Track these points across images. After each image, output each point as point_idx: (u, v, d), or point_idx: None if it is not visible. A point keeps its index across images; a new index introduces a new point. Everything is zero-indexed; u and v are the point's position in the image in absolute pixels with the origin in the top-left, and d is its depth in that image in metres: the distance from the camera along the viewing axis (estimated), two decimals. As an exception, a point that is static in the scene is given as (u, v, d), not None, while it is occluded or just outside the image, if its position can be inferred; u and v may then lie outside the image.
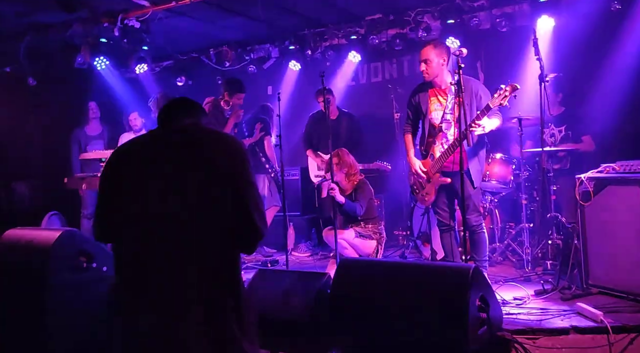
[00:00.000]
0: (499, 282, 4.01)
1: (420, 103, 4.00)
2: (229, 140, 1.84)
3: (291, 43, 6.68)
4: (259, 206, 1.79)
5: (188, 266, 1.69)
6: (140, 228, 1.73)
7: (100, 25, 5.57)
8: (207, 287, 1.70)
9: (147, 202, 1.72)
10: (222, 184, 1.72)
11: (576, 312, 3.18)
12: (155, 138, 1.86)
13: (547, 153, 4.49)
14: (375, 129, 6.26)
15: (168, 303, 1.69)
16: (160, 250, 1.70)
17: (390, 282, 2.65)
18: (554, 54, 5.39)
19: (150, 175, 1.74)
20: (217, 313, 1.70)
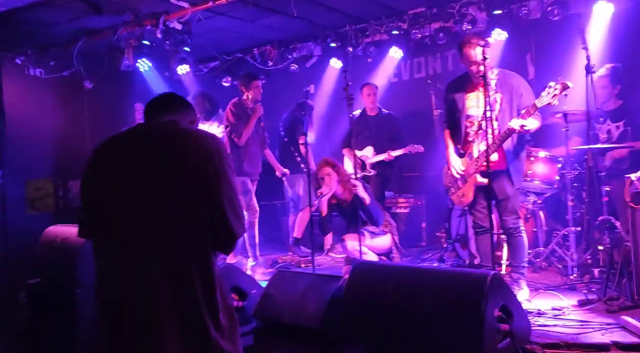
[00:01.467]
0: (539, 289, 3.73)
1: (457, 99, 3.78)
2: (204, 138, 1.79)
3: (332, 40, 6.58)
4: (234, 206, 1.74)
5: (160, 265, 1.66)
6: (114, 227, 1.72)
7: (143, 27, 5.71)
8: (179, 286, 1.67)
9: (120, 200, 1.71)
10: (195, 183, 1.69)
11: (621, 326, 2.90)
12: (132, 135, 1.85)
13: (600, 151, 4.15)
14: (418, 126, 6.05)
15: (140, 303, 1.66)
16: (133, 248, 1.69)
17: (403, 288, 2.52)
18: (612, 43, 5.00)
19: (124, 173, 1.73)
20: (191, 313, 1.67)
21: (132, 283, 1.67)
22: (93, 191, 1.78)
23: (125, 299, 1.68)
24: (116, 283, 1.70)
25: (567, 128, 4.25)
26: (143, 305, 1.66)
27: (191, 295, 1.67)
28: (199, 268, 1.70)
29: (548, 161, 4.42)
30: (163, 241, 1.67)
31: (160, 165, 1.71)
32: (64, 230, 3.83)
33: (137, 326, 1.66)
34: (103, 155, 1.81)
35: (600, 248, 3.88)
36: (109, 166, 1.77)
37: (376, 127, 5.61)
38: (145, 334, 1.64)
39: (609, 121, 4.55)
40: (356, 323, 2.63)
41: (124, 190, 1.71)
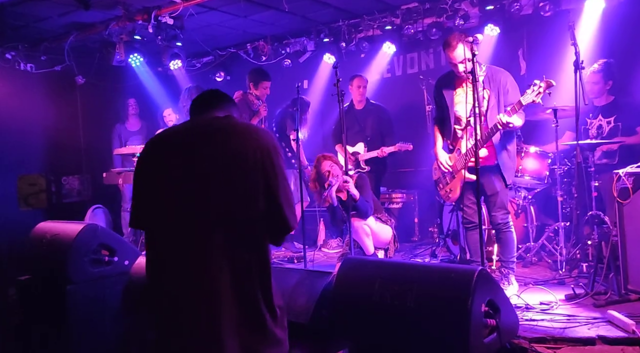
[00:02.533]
0: (529, 284, 3.76)
1: (445, 95, 3.79)
2: (260, 132, 1.83)
3: (326, 35, 6.57)
4: (289, 199, 1.80)
5: (221, 256, 1.70)
6: (170, 218, 1.75)
7: (134, 22, 5.69)
8: (237, 276, 1.71)
9: (177, 193, 1.74)
10: (253, 176, 1.73)
11: (607, 321, 2.92)
12: (187, 129, 1.88)
13: (591, 146, 4.16)
14: (411, 122, 6.05)
15: (198, 294, 1.69)
16: (189, 239, 1.72)
17: (391, 284, 2.52)
18: (604, 39, 5.01)
19: (182, 166, 1.76)
20: (248, 301, 1.72)
21: (192, 274, 1.70)
22: (148, 182, 1.81)
23: (184, 290, 1.71)
24: (173, 274, 1.73)
25: (556, 124, 4.27)
26: (204, 296, 1.69)
27: (250, 285, 1.72)
28: (258, 260, 1.74)
29: (538, 157, 4.44)
30: (223, 232, 1.70)
31: (220, 158, 1.74)
32: (54, 226, 3.82)
33: (197, 317, 1.69)
34: (160, 146, 1.84)
35: (589, 243, 3.90)
36: (166, 157, 1.79)
37: (365, 121, 5.61)
38: (207, 325, 1.67)
39: (600, 116, 4.57)
40: (344, 319, 2.63)
41: (183, 182, 1.74)
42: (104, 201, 6.75)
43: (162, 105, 6.55)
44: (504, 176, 3.65)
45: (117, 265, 3.68)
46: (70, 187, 7.41)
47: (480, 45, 3.23)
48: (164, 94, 6.95)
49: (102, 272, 3.62)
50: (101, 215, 6.64)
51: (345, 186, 4.10)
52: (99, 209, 6.63)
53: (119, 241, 3.81)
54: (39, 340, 3.63)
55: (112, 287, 3.60)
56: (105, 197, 6.86)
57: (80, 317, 3.49)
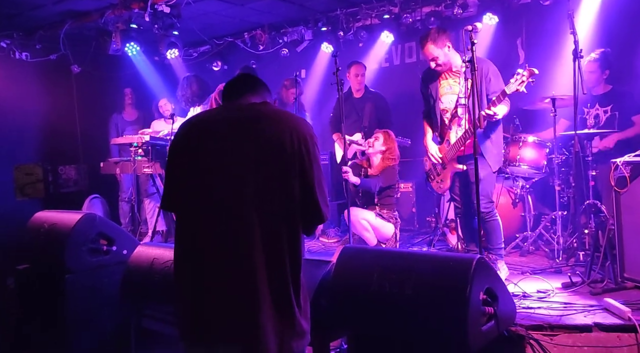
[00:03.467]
0: (526, 273, 3.78)
1: (430, 88, 3.84)
2: (299, 120, 1.83)
3: (323, 24, 6.53)
4: (323, 189, 1.79)
5: (252, 243, 1.70)
6: (203, 203, 1.75)
7: (131, 11, 5.63)
8: (270, 263, 1.71)
9: (213, 178, 1.74)
10: (289, 164, 1.72)
11: (603, 308, 2.94)
12: (224, 114, 1.87)
13: (587, 136, 4.17)
14: (409, 111, 6.02)
15: (234, 280, 1.70)
16: (222, 226, 1.72)
17: (391, 272, 2.52)
18: (602, 28, 4.99)
19: (217, 151, 1.75)
20: (280, 290, 1.73)
21: (227, 259, 1.70)
22: (183, 166, 1.79)
23: (220, 275, 1.71)
24: (207, 259, 1.73)
25: (555, 113, 4.27)
26: (242, 281, 1.69)
27: (283, 273, 1.72)
28: (291, 249, 1.74)
29: (536, 146, 4.44)
30: (258, 219, 1.70)
31: (257, 145, 1.73)
32: (52, 215, 3.81)
33: (236, 301, 1.70)
34: (194, 131, 1.82)
35: (586, 232, 3.92)
36: (202, 142, 1.78)
37: (362, 110, 5.59)
38: (246, 309, 1.68)
39: (597, 105, 4.57)
40: (343, 308, 2.64)
41: (219, 167, 1.73)
42: (100, 191, 6.74)
43: (158, 94, 6.52)
44: (489, 163, 3.64)
45: (116, 254, 3.68)
46: (66, 177, 7.39)
47: (479, 34, 3.20)
48: (161, 84, 6.91)
49: (101, 261, 3.63)
50: (98, 205, 6.63)
51: (345, 176, 4.13)
52: (96, 199, 6.62)
53: (117, 230, 3.81)
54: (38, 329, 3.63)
55: (111, 277, 3.60)
56: (102, 186, 6.85)
57: (78, 306, 3.50)
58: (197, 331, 1.76)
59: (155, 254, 3.24)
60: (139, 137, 5.14)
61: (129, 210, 6.28)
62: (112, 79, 7.06)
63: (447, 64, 3.67)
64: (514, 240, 4.62)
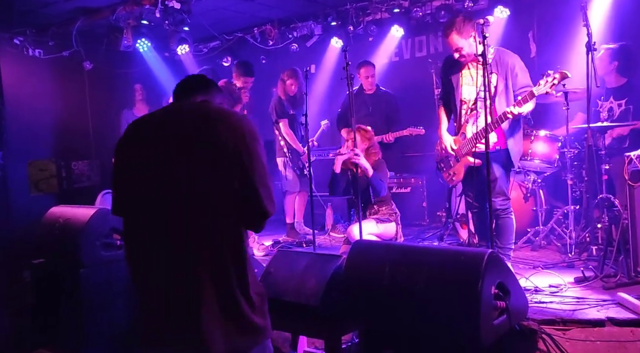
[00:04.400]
0: (538, 267, 3.77)
1: (451, 77, 3.75)
2: (237, 116, 1.83)
3: (333, 19, 6.52)
4: (266, 184, 1.78)
5: (194, 242, 1.70)
6: (146, 205, 1.75)
7: (142, 7, 5.67)
8: (212, 263, 1.72)
9: (153, 179, 1.74)
10: (228, 161, 1.72)
11: (616, 303, 2.93)
12: (163, 114, 1.88)
13: (600, 129, 4.13)
14: (419, 106, 6.02)
15: (176, 281, 1.71)
16: (162, 227, 1.73)
17: (402, 266, 2.53)
18: (616, 20, 4.94)
19: (157, 152, 1.76)
20: (225, 288, 1.72)
21: (170, 260, 1.71)
22: (125, 168, 1.81)
23: (162, 276, 1.72)
24: (151, 261, 1.74)
25: (567, 107, 4.23)
26: (183, 282, 1.70)
27: (227, 271, 1.72)
28: (233, 246, 1.74)
29: (548, 140, 4.40)
30: (199, 217, 1.70)
31: (195, 143, 1.73)
32: (66, 210, 3.86)
33: (177, 303, 1.70)
34: (137, 132, 1.83)
35: (599, 226, 3.89)
36: (142, 144, 1.79)
37: (373, 105, 5.59)
38: (187, 311, 1.69)
39: (611, 99, 4.52)
40: (354, 302, 2.65)
41: (158, 167, 1.74)
42: (112, 186, 6.79)
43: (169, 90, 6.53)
44: (512, 160, 3.61)
45: (129, 249, 3.72)
46: (79, 172, 7.46)
47: (490, 27, 3.17)
48: (172, 79, 6.94)
49: (114, 255, 3.67)
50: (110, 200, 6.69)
51: (355, 159, 3.97)
52: (108, 194, 6.68)
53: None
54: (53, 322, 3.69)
55: (124, 271, 3.59)
56: (114, 182, 6.90)
57: (93, 299, 3.54)
58: (146, 335, 1.78)
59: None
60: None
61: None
62: (123, 75, 7.10)
63: (471, 55, 3.53)
64: (526, 235, 4.59)
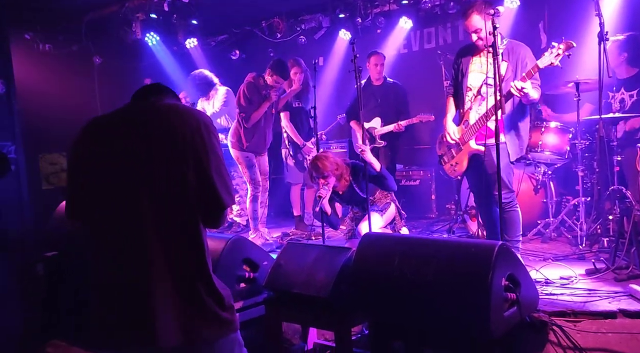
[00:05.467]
0: (548, 259, 3.75)
1: (462, 62, 3.72)
2: (189, 110, 1.82)
3: (341, 11, 6.49)
4: (223, 176, 1.76)
5: (151, 237, 1.69)
6: (100, 204, 1.74)
7: (150, 1, 5.68)
8: (168, 258, 1.70)
9: (107, 178, 1.73)
10: (182, 154, 1.71)
11: (628, 295, 2.91)
12: (116, 113, 1.87)
13: (612, 120, 4.09)
14: (428, 98, 5.98)
15: (136, 280, 1.69)
16: (125, 225, 1.71)
17: (412, 259, 2.53)
18: (627, 10, 4.87)
19: (111, 150, 1.75)
20: (184, 283, 1.71)
21: (127, 256, 1.69)
22: (79, 169, 1.79)
23: (120, 272, 1.70)
24: (109, 258, 1.72)
25: (578, 97, 4.19)
26: (138, 277, 1.68)
27: (185, 266, 1.71)
28: (191, 238, 1.72)
29: (559, 131, 4.37)
30: (155, 214, 1.69)
31: (148, 140, 1.72)
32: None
33: (131, 296, 1.68)
34: (90, 133, 1.81)
35: (610, 218, 3.86)
36: (96, 142, 1.77)
37: (382, 97, 5.57)
38: (140, 304, 1.67)
39: (623, 90, 4.48)
40: (364, 294, 2.66)
41: (114, 167, 1.72)
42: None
43: (178, 83, 6.56)
44: (508, 152, 3.53)
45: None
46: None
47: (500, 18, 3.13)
48: (180, 73, 6.96)
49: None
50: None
51: (362, 155, 3.94)
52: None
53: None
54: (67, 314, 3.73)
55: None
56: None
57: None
58: (102, 336, 1.75)
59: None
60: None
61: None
62: (132, 69, 7.13)
63: (489, 39, 3.35)
64: (536, 227, 4.57)
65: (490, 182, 3.57)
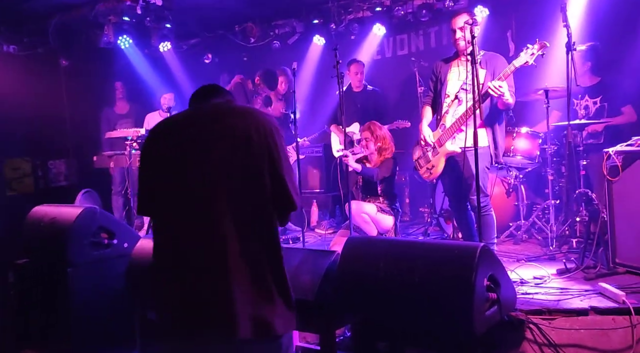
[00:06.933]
0: (521, 260, 3.88)
1: (441, 72, 3.85)
2: (261, 114, 1.88)
3: (315, 17, 6.55)
4: (292, 178, 1.84)
5: (228, 236, 1.74)
6: (179, 202, 1.79)
7: (123, 3, 5.60)
8: (245, 255, 1.76)
9: (184, 177, 1.78)
10: (258, 156, 1.77)
11: (598, 293, 3.04)
12: (190, 115, 1.92)
13: (579, 126, 4.27)
14: (401, 104, 6.11)
15: (216, 275, 1.74)
16: (200, 221, 1.76)
17: (396, 261, 2.59)
18: (590, 21, 5.10)
19: (186, 150, 1.80)
20: (259, 280, 1.77)
21: (205, 254, 1.75)
22: (154, 168, 1.84)
23: (197, 270, 1.75)
24: (185, 255, 1.77)
25: (547, 104, 4.37)
26: (217, 274, 1.73)
27: (260, 264, 1.77)
28: (267, 237, 1.79)
29: (529, 137, 4.53)
30: (233, 212, 1.75)
31: (225, 140, 1.77)
32: (51, 210, 3.80)
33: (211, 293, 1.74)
34: (164, 133, 1.87)
35: (578, 220, 4.04)
36: (171, 143, 1.82)
37: (362, 103, 5.65)
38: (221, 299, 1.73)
39: (587, 97, 4.69)
40: (349, 296, 2.70)
41: (190, 165, 1.77)
42: (91, 185, 6.67)
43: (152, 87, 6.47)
44: (492, 155, 3.68)
45: (117, 247, 3.70)
46: (57, 171, 7.32)
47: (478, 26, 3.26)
48: (153, 76, 6.86)
49: (102, 254, 3.64)
50: (91, 199, 6.58)
51: (345, 160, 4.24)
52: (87, 193, 6.56)
53: (118, 224, 3.83)
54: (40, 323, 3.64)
55: (112, 269, 3.62)
56: (92, 181, 6.77)
57: (81, 298, 3.51)
58: (176, 323, 1.80)
59: (159, 247, 3.27)
60: (135, 131, 5.13)
61: (123, 204, 6.27)
62: (102, 72, 6.98)
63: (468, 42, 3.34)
64: (508, 229, 4.72)
65: (466, 186, 3.68)
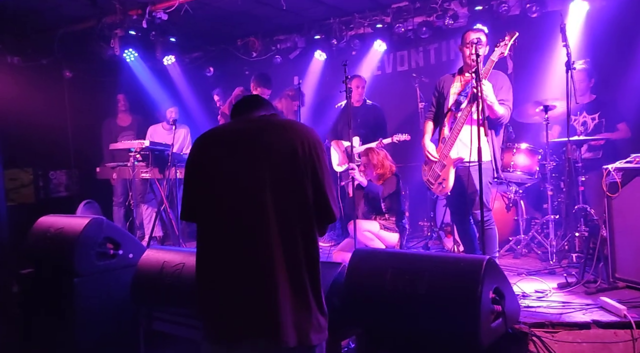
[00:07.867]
0: (522, 274, 3.94)
1: (444, 87, 3.95)
2: (305, 127, 1.97)
3: (317, 33, 6.66)
4: (333, 190, 1.91)
5: (272, 244, 1.81)
6: (222, 211, 1.86)
7: (129, 17, 5.68)
8: (288, 264, 1.82)
9: (230, 187, 1.85)
10: (301, 168, 1.84)
11: (599, 307, 3.10)
12: (236, 126, 1.99)
13: (577, 142, 4.36)
14: (402, 119, 6.19)
15: (262, 284, 1.80)
16: (241, 230, 1.83)
17: (403, 273, 2.63)
18: (587, 39, 5.22)
19: (232, 161, 1.87)
20: (299, 289, 1.84)
21: (248, 261, 1.81)
22: (201, 176, 1.91)
23: (240, 277, 1.82)
24: (229, 263, 1.84)
25: (547, 121, 4.45)
26: (261, 282, 1.80)
27: (301, 273, 1.84)
28: (307, 248, 1.86)
29: (529, 153, 4.61)
30: (277, 222, 1.82)
31: (270, 152, 1.85)
32: (58, 220, 3.84)
33: (256, 300, 1.81)
34: (211, 143, 1.94)
35: (577, 235, 4.10)
36: (218, 153, 1.89)
37: (361, 117, 5.72)
38: (267, 307, 1.79)
39: (585, 113, 4.79)
40: (355, 307, 2.74)
41: (237, 175, 1.85)
42: (92, 196, 6.70)
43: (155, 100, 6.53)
44: (495, 167, 3.74)
45: (122, 258, 3.73)
46: (57, 182, 7.34)
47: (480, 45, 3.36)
48: (157, 88, 6.92)
49: (108, 265, 3.67)
50: (92, 210, 6.60)
51: (351, 173, 4.29)
52: (89, 204, 6.59)
53: (123, 234, 3.86)
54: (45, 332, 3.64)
55: (117, 280, 3.65)
56: (93, 191, 6.80)
57: (86, 308, 3.54)
58: (222, 330, 1.87)
59: (165, 258, 3.31)
60: (139, 143, 5.18)
61: (124, 215, 6.29)
62: (105, 84, 7.04)
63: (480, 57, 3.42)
64: (508, 243, 4.78)
65: (470, 200, 3.74)
